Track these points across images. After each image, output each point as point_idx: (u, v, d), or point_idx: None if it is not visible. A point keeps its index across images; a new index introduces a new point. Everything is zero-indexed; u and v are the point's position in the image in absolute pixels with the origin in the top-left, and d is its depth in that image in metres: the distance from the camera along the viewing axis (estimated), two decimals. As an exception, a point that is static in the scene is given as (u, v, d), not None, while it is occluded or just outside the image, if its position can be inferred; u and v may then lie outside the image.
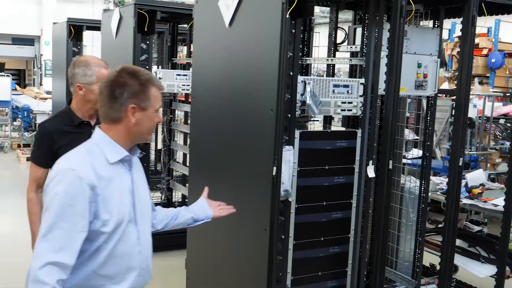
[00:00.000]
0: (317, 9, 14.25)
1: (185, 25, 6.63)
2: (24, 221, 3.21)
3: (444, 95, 7.84)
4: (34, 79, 22.63)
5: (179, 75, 5.92)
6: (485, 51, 9.88)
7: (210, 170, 3.92)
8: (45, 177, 3.11)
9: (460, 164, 3.78)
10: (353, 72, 4.00)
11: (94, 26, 8.01)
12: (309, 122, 3.77)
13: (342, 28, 4.13)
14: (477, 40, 9.92)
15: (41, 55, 21.10)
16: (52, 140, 3.09)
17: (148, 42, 5.62)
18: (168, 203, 6.83)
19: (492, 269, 4.45)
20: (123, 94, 2.11)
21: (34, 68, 22.77)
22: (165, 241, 3.29)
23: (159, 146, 7.29)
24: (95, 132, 2.21)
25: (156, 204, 2.69)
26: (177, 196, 6.99)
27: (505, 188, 4.30)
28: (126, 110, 2.12)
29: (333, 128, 3.78)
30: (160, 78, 5.81)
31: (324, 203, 3.44)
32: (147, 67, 5.58)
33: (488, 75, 9.83)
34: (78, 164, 2.06)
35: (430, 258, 4.68)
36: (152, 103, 2.17)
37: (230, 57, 3.55)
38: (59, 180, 2.02)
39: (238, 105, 3.48)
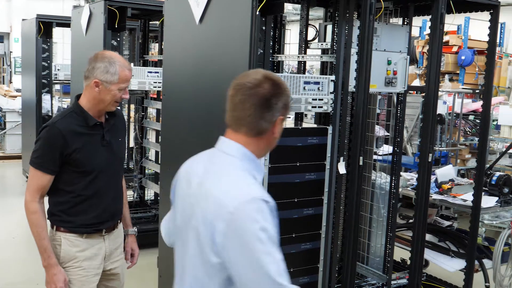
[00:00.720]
0: (289, 6, 14.26)
1: (157, 22, 6.58)
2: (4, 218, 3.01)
3: (415, 92, 7.94)
4: (3, 76, 22.25)
5: (151, 72, 5.87)
6: (455, 49, 10.03)
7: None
8: (50, 185, 2.82)
9: (430, 160, 3.83)
10: (324, 69, 4.01)
11: (64, 22, 7.90)
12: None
13: (313, 25, 4.14)
14: (447, 38, 10.06)
15: (11, 52, 20.76)
16: (65, 142, 2.75)
17: (118, 39, 5.56)
18: (140, 201, 6.78)
19: (461, 263, 4.51)
20: (277, 104, 1.87)
21: (3, 65, 22.38)
22: (138, 240, 3.25)
23: (131, 144, 7.23)
24: (231, 146, 1.91)
25: (129, 203, 2.67)
26: (149, 194, 6.95)
27: (474, 183, 4.37)
28: (275, 122, 1.89)
29: (305, 125, 3.79)
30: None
31: (296, 200, 3.45)
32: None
33: (458, 72, 9.99)
34: (261, 190, 1.81)
35: (401, 253, 4.74)
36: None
37: (200, 54, 3.54)
38: (258, 212, 1.74)
39: (209, 102, 3.47)
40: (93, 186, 2.86)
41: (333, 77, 3.50)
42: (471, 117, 8.09)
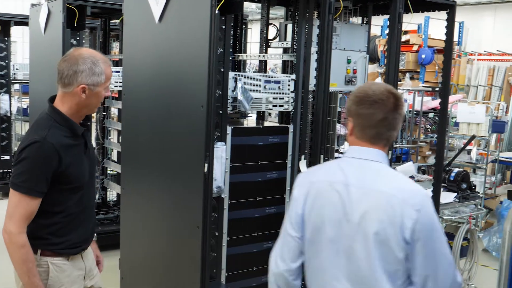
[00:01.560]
0: (253, 5, 14.19)
1: (117, 21, 6.50)
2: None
3: (376, 90, 8.01)
4: (-39, 76, 21.65)
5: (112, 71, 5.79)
6: (415, 47, 10.19)
7: (142, 168, 3.86)
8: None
9: (390, 157, 3.88)
10: (285, 68, 4.03)
11: (23, 21, 7.73)
12: (245, 118, 3.78)
13: (274, 24, 4.15)
14: (407, 37, 10.22)
15: (-32, 51, 20.21)
16: (59, 159, 2.43)
17: (78, 38, 5.45)
18: (102, 202, 6.70)
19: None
20: (403, 115, 2.13)
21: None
22: (99, 241, 3.18)
23: (93, 144, 7.12)
24: (376, 154, 2.07)
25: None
26: (112, 195, 6.87)
27: (433, 179, 4.45)
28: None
29: (266, 124, 3.80)
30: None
31: (257, 199, 3.46)
32: (78, 63, 5.41)
33: (418, 70, 10.15)
34: None
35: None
36: None
37: (160, 53, 3.50)
38: (432, 206, 1.99)
39: (170, 102, 3.44)
40: (82, 201, 2.61)
41: (293, 76, 3.52)
42: (431, 115, 8.24)
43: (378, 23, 10.37)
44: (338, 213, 2.01)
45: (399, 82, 9.52)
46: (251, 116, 4.05)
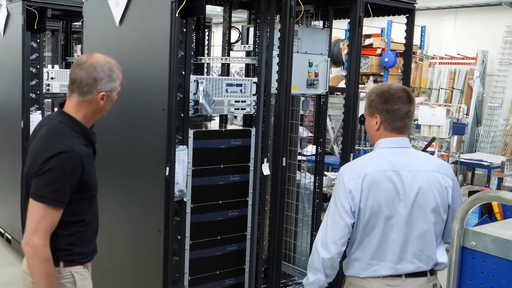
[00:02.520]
0: (218, 8, 14.18)
1: (79, 23, 6.42)
2: None
3: (341, 93, 8.12)
4: None
5: (73, 74, 5.70)
6: (379, 51, 10.33)
7: (104, 171, 3.80)
8: None
9: (352, 158, 3.92)
10: (248, 71, 4.04)
11: (-18, 23, 7.56)
12: (209, 121, 3.77)
13: (236, 28, 4.16)
14: (371, 40, 10.36)
15: None
16: (83, 168, 2.39)
17: (39, 41, 5.37)
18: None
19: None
20: None
21: None
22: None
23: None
24: (408, 142, 2.55)
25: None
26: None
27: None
28: None
29: (229, 127, 3.80)
30: (52, 78, 5.59)
31: (220, 202, 3.45)
32: (38, 66, 5.34)
33: (382, 73, 10.29)
34: None
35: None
36: None
37: (121, 56, 3.44)
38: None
39: (131, 106, 3.41)
40: (95, 208, 2.59)
41: (255, 79, 3.52)
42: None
43: (343, 26, 10.49)
44: (392, 195, 2.39)
45: (362, 86, 9.65)
46: (214, 120, 4.05)
